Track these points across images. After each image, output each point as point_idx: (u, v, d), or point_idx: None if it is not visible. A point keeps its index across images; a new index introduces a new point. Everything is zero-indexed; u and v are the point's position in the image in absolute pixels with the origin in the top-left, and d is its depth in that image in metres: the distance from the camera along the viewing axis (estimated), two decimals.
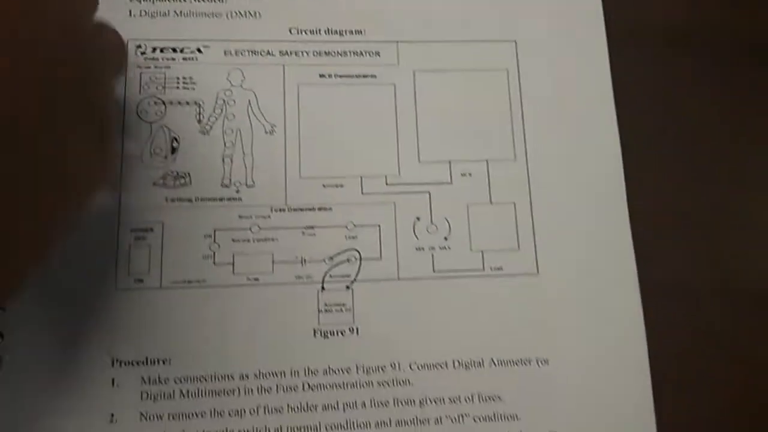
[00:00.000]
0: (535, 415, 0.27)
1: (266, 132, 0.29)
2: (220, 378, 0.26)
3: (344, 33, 0.31)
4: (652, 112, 0.32)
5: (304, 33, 0.30)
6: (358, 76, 0.30)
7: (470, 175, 0.30)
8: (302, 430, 0.26)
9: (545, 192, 0.30)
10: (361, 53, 0.30)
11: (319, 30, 0.31)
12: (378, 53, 0.31)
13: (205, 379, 0.26)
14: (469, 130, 0.30)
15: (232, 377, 0.27)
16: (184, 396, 0.26)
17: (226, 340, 0.27)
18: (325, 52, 0.30)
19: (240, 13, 0.30)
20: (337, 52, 0.30)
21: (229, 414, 0.26)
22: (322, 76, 0.30)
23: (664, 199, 0.31)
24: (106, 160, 0.23)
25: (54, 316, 0.26)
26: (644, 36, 0.33)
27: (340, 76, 0.30)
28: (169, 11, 0.30)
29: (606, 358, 0.28)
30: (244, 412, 0.26)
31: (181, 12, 0.30)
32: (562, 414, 0.27)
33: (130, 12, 0.30)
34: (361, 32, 0.31)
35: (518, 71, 0.31)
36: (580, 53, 0.31)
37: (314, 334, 0.27)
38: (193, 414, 0.26)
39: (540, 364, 0.28)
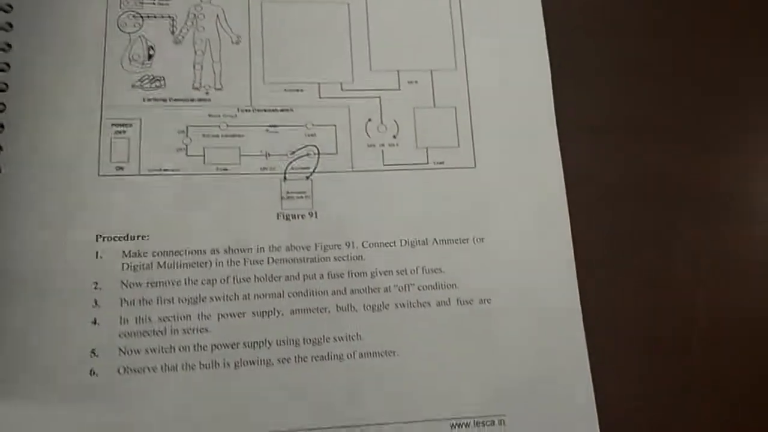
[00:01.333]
0: (472, 284, 0.31)
1: (233, 42, 0.33)
2: (193, 252, 0.30)
3: None
4: (580, 24, 0.36)
5: None
6: None
7: (416, 82, 0.34)
8: (267, 296, 0.30)
9: (482, 97, 0.34)
10: None
11: None
12: None
13: (180, 253, 0.30)
14: (415, 44, 0.34)
15: (204, 252, 0.30)
16: (161, 267, 0.30)
17: (199, 221, 0.30)
18: None
19: None
20: None
21: (202, 282, 0.30)
22: None
23: (587, 98, 0.35)
24: None
25: (44, 197, 0.29)
26: None
27: None
28: None
29: (533, 235, 0.32)
30: (216, 281, 0.30)
31: None
32: (495, 283, 0.31)
33: None
34: None
35: None
36: None
37: (277, 217, 0.31)
38: (169, 282, 0.29)
39: (476, 242, 0.32)
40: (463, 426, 0.29)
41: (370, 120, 0.33)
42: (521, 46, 0.34)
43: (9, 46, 0.31)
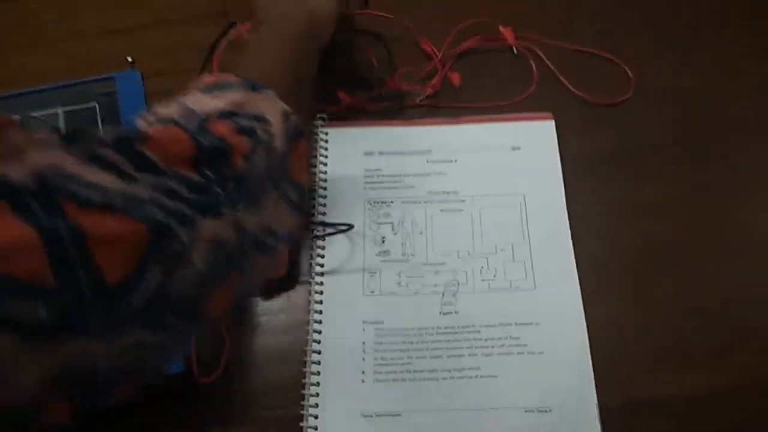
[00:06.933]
0: (530, 341, 0.66)
1: (419, 233, 0.72)
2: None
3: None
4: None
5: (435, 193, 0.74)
6: (446, 211, 0.73)
7: (503, 251, 0.70)
8: (440, 349, 0.66)
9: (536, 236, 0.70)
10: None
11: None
12: (457, 191, 0.73)
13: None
14: (500, 230, 0.71)
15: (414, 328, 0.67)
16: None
17: (406, 310, 0.68)
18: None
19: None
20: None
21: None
22: (442, 210, 0.73)
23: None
24: None
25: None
26: None
27: (442, 211, 0.73)
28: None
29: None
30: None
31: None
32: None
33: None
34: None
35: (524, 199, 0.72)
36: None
37: (440, 313, 0.68)
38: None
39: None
40: (531, 412, 0.63)
41: (482, 267, 0.70)
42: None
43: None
